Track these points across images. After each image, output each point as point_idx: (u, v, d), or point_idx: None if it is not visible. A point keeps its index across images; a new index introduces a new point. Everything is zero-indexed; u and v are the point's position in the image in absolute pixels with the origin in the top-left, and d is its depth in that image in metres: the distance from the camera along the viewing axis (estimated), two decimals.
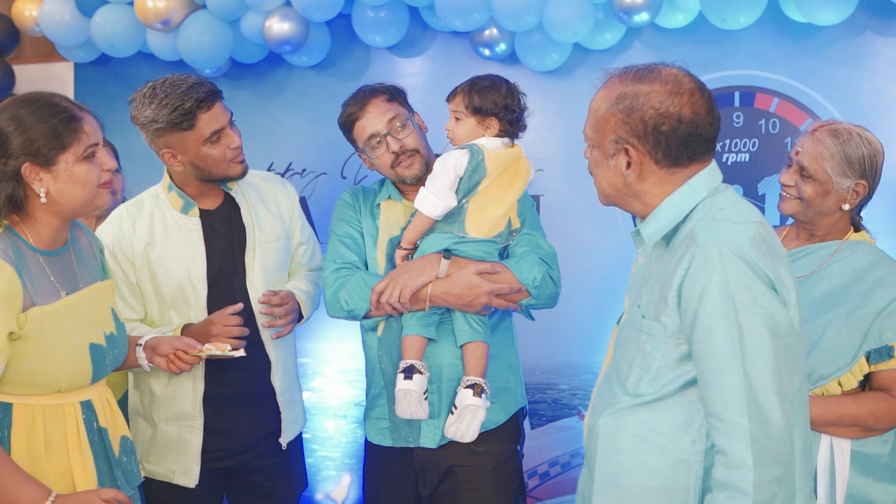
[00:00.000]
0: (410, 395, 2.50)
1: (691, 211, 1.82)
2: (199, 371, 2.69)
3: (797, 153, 2.39)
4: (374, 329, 2.67)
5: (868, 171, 2.35)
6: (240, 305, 2.62)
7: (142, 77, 4.05)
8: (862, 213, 2.49)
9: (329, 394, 3.90)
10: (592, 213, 3.62)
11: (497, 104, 2.59)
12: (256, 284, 2.71)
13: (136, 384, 2.77)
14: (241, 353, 2.48)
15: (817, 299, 2.34)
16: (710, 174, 1.84)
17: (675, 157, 1.80)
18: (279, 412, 2.80)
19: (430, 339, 2.58)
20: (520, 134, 2.69)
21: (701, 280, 1.70)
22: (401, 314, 2.60)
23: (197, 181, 2.69)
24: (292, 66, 3.87)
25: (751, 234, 1.73)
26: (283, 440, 2.81)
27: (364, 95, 2.68)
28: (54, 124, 2.11)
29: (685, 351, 1.78)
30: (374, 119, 2.63)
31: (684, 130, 1.78)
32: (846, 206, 2.37)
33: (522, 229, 2.68)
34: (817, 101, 3.37)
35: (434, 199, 2.55)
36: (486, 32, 3.54)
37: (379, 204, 2.76)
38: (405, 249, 2.64)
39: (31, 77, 4.22)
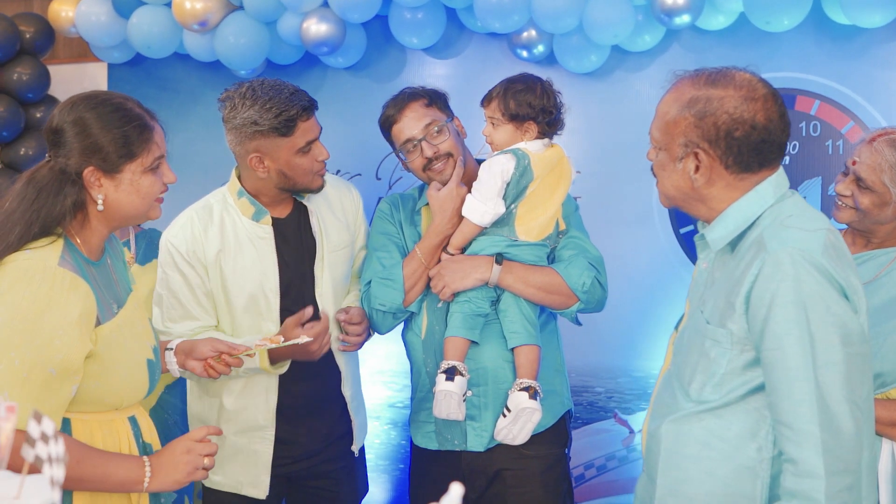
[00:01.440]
0: (451, 397, 2.49)
1: (758, 217, 1.80)
2: (273, 382, 2.65)
3: (854, 163, 2.36)
4: (418, 327, 2.68)
5: None
6: (310, 309, 2.53)
7: (176, 78, 4.11)
8: None
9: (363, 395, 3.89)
10: (630, 215, 3.60)
11: (534, 107, 2.57)
12: (325, 295, 2.68)
13: (204, 393, 2.72)
14: (304, 338, 2.39)
15: (877, 307, 2.31)
16: (777, 180, 1.82)
17: (746, 162, 1.78)
18: (349, 420, 2.78)
19: (472, 342, 2.57)
20: (559, 131, 2.67)
21: (771, 287, 1.69)
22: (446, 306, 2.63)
23: (274, 190, 2.62)
24: (327, 67, 3.87)
25: (822, 241, 1.71)
26: (355, 447, 2.81)
27: (403, 99, 2.67)
28: (127, 131, 1.99)
29: (751, 357, 1.76)
30: (411, 124, 2.63)
31: (757, 137, 1.76)
32: None
33: (568, 232, 2.67)
34: (859, 104, 3.35)
35: (482, 206, 2.54)
36: (525, 34, 3.53)
37: (419, 210, 2.76)
38: (451, 255, 2.63)
39: (64, 77, 4.23)
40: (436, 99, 2.68)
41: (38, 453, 1.14)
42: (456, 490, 1.03)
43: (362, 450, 2.92)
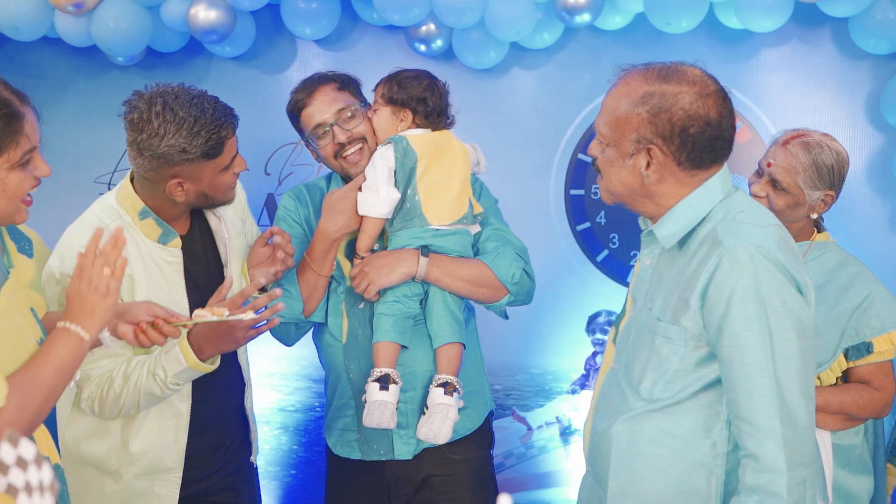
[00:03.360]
0: (386, 407, 2.36)
1: (708, 213, 1.80)
2: (184, 421, 2.38)
3: (769, 165, 2.42)
4: (338, 331, 2.55)
5: (836, 182, 2.42)
6: (230, 279, 2.29)
7: (43, 64, 3.81)
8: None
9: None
10: (527, 212, 3.60)
11: (412, 96, 2.51)
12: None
13: (102, 433, 2.36)
14: (251, 314, 2.12)
15: None
16: (724, 176, 1.83)
17: (699, 159, 1.78)
18: (248, 430, 2.61)
19: (402, 346, 2.48)
20: (441, 127, 2.57)
21: (729, 283, 1.69)
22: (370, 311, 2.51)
23: (183, 208, 2.34)
24: (213, 55, 3.68)
25: (775, 237, 1.73)
26: (255, 457, 2.64)
27: (313, 83, 2.55)
28: None
29: (704, 354, 1.76)
30: (322, 108, 2.51)
31: (711, 133, 1.76)
32: (814, 216, 2.44)
33: (490, 224, 2.61)
34: (747, 106, 3.47)
35: (375, 197, 2.44)
36: (423, 28, 3.46)
37: None
38: (362, 258, 2.51)
39: None
40: (348, 84, 2.58)
41: (12, 482, 0.97)
42: (504, 501, 0.95)
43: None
